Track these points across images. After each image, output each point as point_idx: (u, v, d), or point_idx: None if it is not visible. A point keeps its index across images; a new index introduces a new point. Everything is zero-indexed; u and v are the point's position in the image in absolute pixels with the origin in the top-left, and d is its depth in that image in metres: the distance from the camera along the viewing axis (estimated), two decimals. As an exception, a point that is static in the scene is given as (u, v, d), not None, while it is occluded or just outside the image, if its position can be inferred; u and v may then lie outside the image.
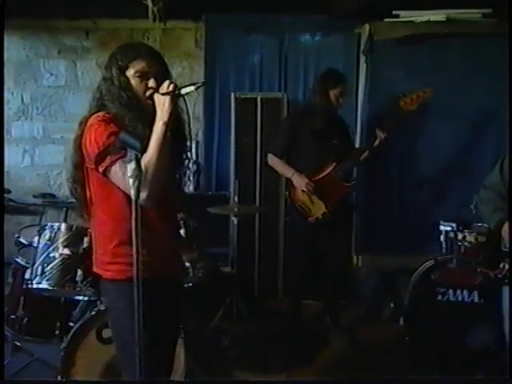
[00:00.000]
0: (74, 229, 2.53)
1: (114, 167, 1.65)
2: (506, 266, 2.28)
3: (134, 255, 1.27)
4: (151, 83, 1.74)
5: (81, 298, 2.66)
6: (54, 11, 4.10)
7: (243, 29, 4.16)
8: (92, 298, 2.61)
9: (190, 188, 4.13)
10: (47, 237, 2.49)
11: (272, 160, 3.48)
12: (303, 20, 4.07)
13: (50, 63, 4.39)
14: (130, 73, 1.76)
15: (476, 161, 3.90)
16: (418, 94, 3.22)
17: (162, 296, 1.78)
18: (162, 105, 1.65)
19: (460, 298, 3.10)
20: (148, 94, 1.74)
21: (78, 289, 2.46)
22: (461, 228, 3.31)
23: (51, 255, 2.46)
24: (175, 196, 1.94)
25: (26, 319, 2.71)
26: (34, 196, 4.07)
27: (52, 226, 2.53)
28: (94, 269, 1.88)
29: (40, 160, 4.50)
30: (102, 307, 2.45)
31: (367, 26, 3.83)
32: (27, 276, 2.50)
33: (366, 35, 3.84)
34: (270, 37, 4.16)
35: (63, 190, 4.53)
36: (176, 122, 1.72)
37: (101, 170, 1.67)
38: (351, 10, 3.82)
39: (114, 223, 1.76)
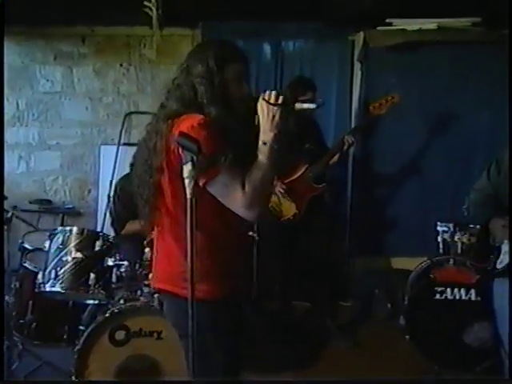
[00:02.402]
0: (85, 232, 2.55)
1: (214, 181, 1.54)
2: (502, 258, 2.38)
3: (188, 263, 1.29)
4: (247, 88, 1.68)
5: (91, 301, 2.68)
6: (50, 17, 4.11)
7: (239, 36, 4.22)
8: (102, 302, 2.64)
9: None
10: (60, 240, 2.51)
11: None
12: (299, 27, 4.15)
13: (46, 69, 4.41)
14: (229, 75, 1.67)
15: (467, 166, 4.03)
16: (386, 99, 3.35)
17: (234, 314, 1.75)
18: (272, 116, 1.59)
19: (458, 297, 3.21)
20: (246, 98, 1.67)
21: (90, 292, 2.48)
22: (457, 229, 3.43)
23: (64, 259, 2.48)
24: None
25: (35, 324, 2.72)
26: (30, 202, 4.07)
27: (64, 229, 2.55)
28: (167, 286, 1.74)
29: (36, 166, 4.50)
30: (116, 310, 2.48)
31: (362, 34, 3.93)
32: (39, 280, 2.51)
33: (361, 43, 3.94)
34: (266, 44, 4.24)
35: (59, 196, 4.55)
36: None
37: (202, 181, 1.53)
38: (345, 18, 3.93)
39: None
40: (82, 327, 2.67)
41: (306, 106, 1.71)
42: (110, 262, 2.51)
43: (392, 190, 4.17)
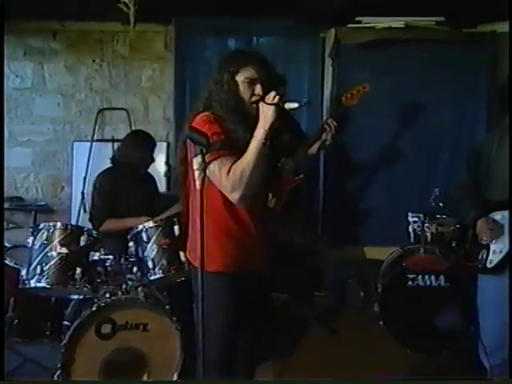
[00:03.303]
0: (69, 228, 2.57)
1: (212, 165, 1.74)
2: (492, 258, 2.47)
3: (199, 245, 1.39)
4: (258, 90, 1.84)
5: (76, 296, 2.70)
6: (19, 11, 4.04)
7: (212, 32, 4.28)
8: (87, 296, 2.66)
9: (162, 188, 4.20)
10: (44, 236, 2.51)
11: None
12: (271, 24, 4.22)
13: (15, 65, 4.34)
14: (239, 78, 1.86)
15: (435, 159, 4.21)
16: (357, 89, 3.41)
17: (247, 290, 1.99)
18: (266, 113, 1.78)
19: (428, 283, 3.37)
20: (254, 99, 1.84)
21: (76, 286, 2.49)
22: (427, 219, 3.59)
23: (49, 254, 2.49)
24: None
25: (16, 321, 2.71)
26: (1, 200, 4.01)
27: (48, 225, 2.55)
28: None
29: (6, 163, 4.41)
30: (102, 303, 2.51)
31: (333, 31, 4.04)
32: (23, 276, 2.51)
33: (332, 40, 4.05)
34: (239, 40, 4.29)
35: (31, 193, 4.49)
36: (277, 132, 1.84)
37: None
38: (317, 15, 4.03)
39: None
40: (66, 323, 2.68)
41: (291, 105, 1.82)
42: (96, 257, 2.54)
43: (364, 181, 4.29)
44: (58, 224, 2.57)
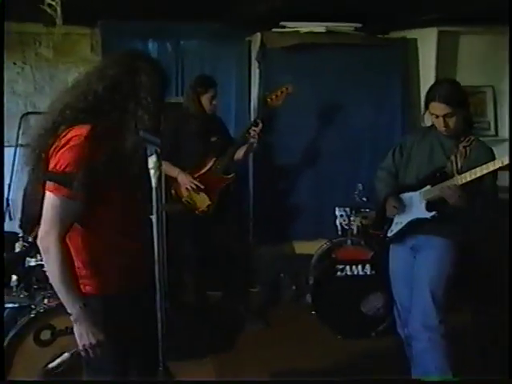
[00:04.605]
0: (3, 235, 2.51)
1: None
2: (393, 228, 2.84)
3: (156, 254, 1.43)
4: None
5: (10, 305, 2.64)
6: None
7: (139, 35, 4.28)
8: (23, 304, 2.61)
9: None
10: (-24, 245, 2.44)
11: None
12: (197, 28, 4.29)
13: None
14: None
15: (357, 157, 4.47)
16: (281, 91, 3.63)
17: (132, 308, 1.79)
18: None
19: (356, 272, 3.61)
20: None
21: (13, 294, 2.45)
22: (353, 212, 3.83)
23: (-18, 263, 2.42)
24: None
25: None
26: None
27: (-21, 234, 2.49)
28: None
29: None
30: (41, 309, 2.48)
31: (259, 35, 4.18)
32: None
33: (258, 44, 4.19)
34: (167, 43, 4.32)
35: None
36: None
37: None
38: (242, 20, 4.16)
39: None
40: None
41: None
42: (32, 263, 2.50)
43: (292, 179, 4.47)
44: (-10, 232, 2.51)
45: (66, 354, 1.67)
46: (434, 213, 2.63)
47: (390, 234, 2.85)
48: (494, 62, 4.46)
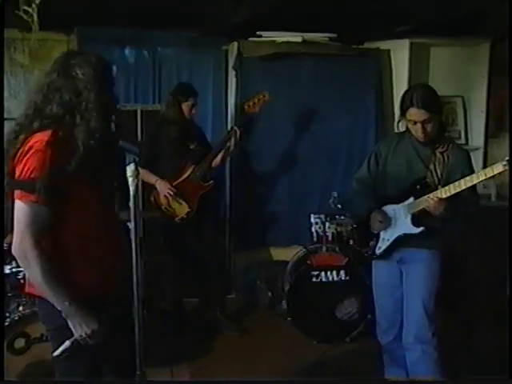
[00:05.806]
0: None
1: None
2: (380, 245, 2.77)
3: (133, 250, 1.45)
4: None
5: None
6: None
7: (116, 42, 4.28)
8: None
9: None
10: None
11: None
12: (175, 36, 4.33)
13: None
14: None
15: (332, 164, 4.54)
16: (258, 98, 3.71)
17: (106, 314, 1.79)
18: None
19: (331, 278, 3.67)
20: None
21: (-14, 302, 2.43)
22: (328, 219, 3.89)
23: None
24: None
25: None
26: None
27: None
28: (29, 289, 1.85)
29: None
30: (16, 317, 2.46)
31: (236, 44, 4.23)
32: None
33: (235, 52, 4.24)
34: (144, 51, 4.33)
35: None
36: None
37: None
38: (218, 29, 4.21)
39: None
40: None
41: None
42: (7, 270, 2.48)
43: (268, 186, 4.51)
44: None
45: (67, 342, 1.67)
46: (422, 228, 2.59)
47: (378, 251, 2.77)
48: (463, 72, 4.61)
